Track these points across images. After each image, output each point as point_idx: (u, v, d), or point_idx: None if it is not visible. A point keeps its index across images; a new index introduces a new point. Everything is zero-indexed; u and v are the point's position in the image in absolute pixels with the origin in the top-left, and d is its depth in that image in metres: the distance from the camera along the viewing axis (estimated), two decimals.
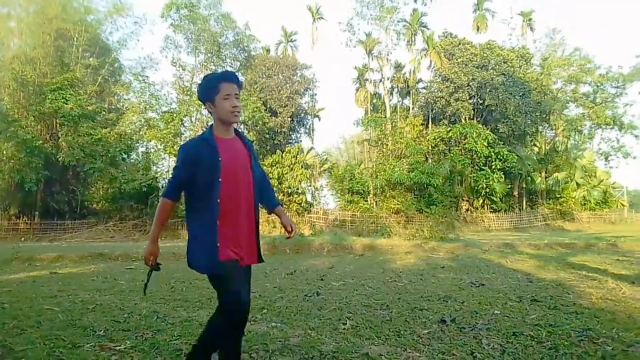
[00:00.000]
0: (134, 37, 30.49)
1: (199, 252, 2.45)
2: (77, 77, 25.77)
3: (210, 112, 2.59)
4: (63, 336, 3.73)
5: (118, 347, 3.43)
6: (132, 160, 28.34)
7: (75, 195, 26.03)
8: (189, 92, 28.02)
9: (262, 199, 2.70)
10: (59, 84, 24.45)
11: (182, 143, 2.83)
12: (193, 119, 28.32)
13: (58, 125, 25.69)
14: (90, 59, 27.60)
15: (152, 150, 28.15)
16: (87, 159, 24.03)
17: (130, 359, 3.19)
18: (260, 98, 30.01)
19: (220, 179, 2.45)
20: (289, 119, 31.23)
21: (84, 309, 4.95)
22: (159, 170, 28.03)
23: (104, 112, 27.87)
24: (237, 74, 2.75)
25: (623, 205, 36.88)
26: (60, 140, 24.90)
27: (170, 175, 2.52)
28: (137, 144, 28.38)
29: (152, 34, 69.61)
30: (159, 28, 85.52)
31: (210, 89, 2.53)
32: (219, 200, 2.43)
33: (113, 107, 30.10)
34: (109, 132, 25.41)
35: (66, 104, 23.95)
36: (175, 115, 26.49)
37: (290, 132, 33.40)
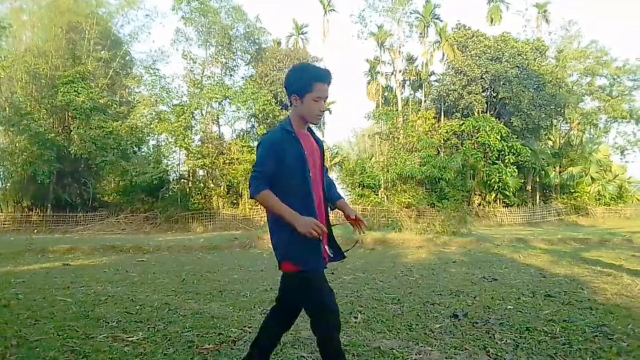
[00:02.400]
0: (145, 30, 30.39)
1: (305, 248, 2.31)
2: (88, 70, 25.82)
3: (290, 104, 2.47)
4: (76, 327, 3.77)
5: (130, 338, 3.46)
6: (143, 153, 28.43)
7: (87, 187, 26.26)
8: (199, 85, 28.01)
9: (328, 195, 2.61)
10: (70, 77, 24.53)
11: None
12: (204, 112, 28.33)
13: (70, 118, 25.84)
14: (102, 52, 27.63)
15: (163, 143, 28.14)
16: (98, 152, 24.14)
17: (142, 350, 3.21)
18: (271, 91, 29.94)
19: (310, 175, 2.39)
20: None
21: (96, 300, 5.01)
22: (169, 163, 28.10)
23: (115, 105, 27.96)
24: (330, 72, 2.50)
25: (639, 200, 36.34)
26: (72, 133, 25.03)
27: (254, 171, 2.32)
28: (148, 137, 28.41)
29: (163, 26, 69.92)
30: (169, 21, 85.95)
31: (304, 85, 2.38)
32: (313, 197, 2.37)
33: (124, 100, 30.17)
34: (120, 125, 25.47)
35: (78, 97, 24.03)
36: (186, 108, 26.47)
37: None
